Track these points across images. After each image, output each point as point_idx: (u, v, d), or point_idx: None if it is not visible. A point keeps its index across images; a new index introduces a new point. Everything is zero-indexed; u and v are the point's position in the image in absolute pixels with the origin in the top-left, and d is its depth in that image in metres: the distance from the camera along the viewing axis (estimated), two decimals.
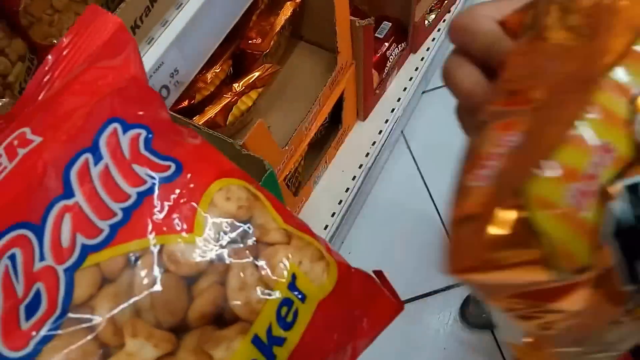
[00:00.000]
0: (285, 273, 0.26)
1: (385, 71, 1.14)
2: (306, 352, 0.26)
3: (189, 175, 0.26)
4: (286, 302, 0.26)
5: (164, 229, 0.25)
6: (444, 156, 1.28)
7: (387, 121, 1.17)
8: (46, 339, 0.23)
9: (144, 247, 0.24)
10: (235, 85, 0.82)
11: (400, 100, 1.18)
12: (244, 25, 0.88)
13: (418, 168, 1.29)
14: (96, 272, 0.24)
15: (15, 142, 0.28)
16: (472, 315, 1.11)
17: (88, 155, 0.26)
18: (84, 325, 0.23)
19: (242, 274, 0.25)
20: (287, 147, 0.86)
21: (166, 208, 0.25)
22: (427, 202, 1.25)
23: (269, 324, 0.25)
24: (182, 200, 0.26)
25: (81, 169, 0.26)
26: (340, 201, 1.10)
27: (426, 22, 1.20)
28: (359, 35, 0.91)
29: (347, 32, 0.89)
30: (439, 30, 1.26)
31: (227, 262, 0.25)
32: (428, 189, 1.26)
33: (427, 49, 1.24)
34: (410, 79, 1.20)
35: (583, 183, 0.19)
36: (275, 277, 0.26)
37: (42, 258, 0.24)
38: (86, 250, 0.24)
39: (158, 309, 0.23)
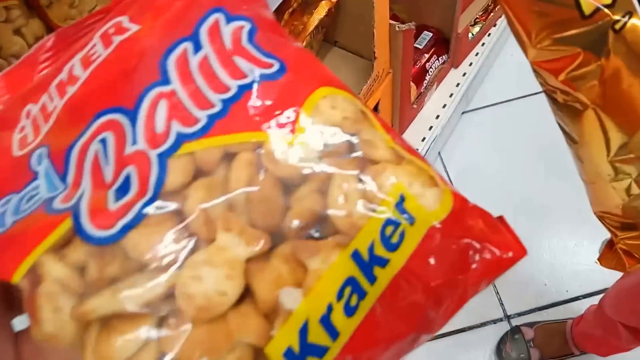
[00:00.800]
0: (393, 192, 0.25)
1: (424, 84, 1.10)
2: (411, 279, 0.25)
3: (293, 77, 0.26)
4: (392, 222, 0.25)
5: (264, 126, 0.25)
6: (483, 181, 1.23)
7: (424, 139, 1.12)
8: (134, 222, 0.23)
9: (242, 142, 0.24)
10: None
11: (439, 117, 1.14)
12: None
13: None
14: (190, 161, 0.24)
15: (111, 30, 0.28)
16: (508, 354, 1.03)
17: (187, 44, 0.26)
18: (175, 213, 0.23)
19: (344, 186, 0.24)
20: None
21: (267, 106, 0.25)
22: None
23: (371, 241, 0.24)
24: (284, 101, 0.25)
25: (180, 57, 0.26)
26: None
27: (470, 34, 1.17)
28: (398, 41, 0.88)
29: (385, 36, 0.86)
30: (483, 44, 1.22)
31: (329, 171, 0.24)
32: None
33: (470, 64, 1.20)
34: (451, 95, 1.17)
35: None
36: (381, 195, 0.25)
37: (134, 142, 0.24)
38: (181, 138, 0.24)
39: (253, 208, 0.23)
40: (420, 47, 1.11)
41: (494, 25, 1.26)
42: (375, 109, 1.00)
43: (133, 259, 0.22)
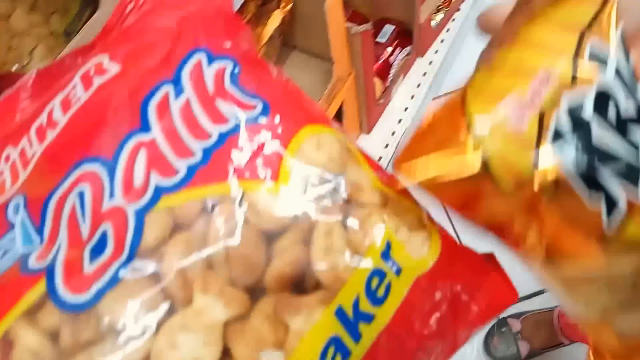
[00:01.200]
0: (379, 239, 0.25)
1: (390, 78, 1.10)
2: (398, 334, 0.25)
3: (277, 117, 0.25)
4: (378, 273, 0.24)
5: (247, 174, 0.24)
6: None
7: (394, 133, 1.13)
8: (109, 286, 0.22)
9: (223, 193, 0.23)
10: None
11: (408, 109, 1.14)
12: None
13: None
14: (169, 216, 0.23)
15: (92, 71, 0.27)
16: (496, 348, 1.05)
17: (169, 88, 0.25)
18: (151, 274, 0.22)
19: (329, 235, 0.24)
20: None
21: (250, 151, 0.24)
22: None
23: (356, 295, 0.24)
24: (268, 145, 0.25)
25: (160, 102, 0.25)
26: None
27: (433, 22, 1.16)
28: (356, 43, 0.88)
29: (342, 40, 0.86)
30: (447, 30, 1.22)
31: (313, 219, 0.24)
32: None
33: (436, 52, 1.20)
34: (418, 85, 1.17)
35: (525, 100, 0.23)
36: (367, 243, 0.24)
37: (112, 195, 0.23)
38: (160, 191, 0.23)
39: (233, 264, 0.23)
40: (383, 41, 1.10)
41: (458, 10, 1.25)
42: (340, 111, 1.00)
43: (107, 325, 0.22)
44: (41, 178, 0.26)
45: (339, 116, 1.01)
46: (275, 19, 0.86)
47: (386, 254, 0.24)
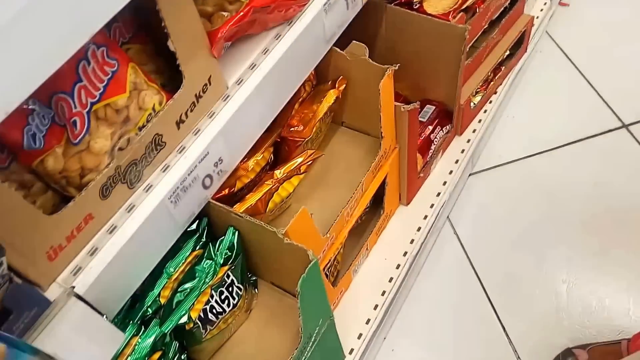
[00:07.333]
0: None
1: (430, 154, 1.20)
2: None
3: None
4: None
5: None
6: (494, 241, 1.31)
7: (432, 206, 1.21)
8: None
9: None
10: (277, 172, 0.89)
11: (446, 184, 1.23)
12: (285, 113, 0.96)
13: (467, 255, 1.31)
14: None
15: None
16: None
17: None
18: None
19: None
20: (328, 235, 0.91)
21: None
22: (479, 292, 1.26)
23: None
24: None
25: None
26: (384, 292, 1.12)
27: (472, 104, 1.27)
28: (403, 121, 0.98)
29: (391, 117, 0.97)
30: (485, 111, 1.33)
31: None
32: (479, 277, 1.27)
33: (473, 131, 1.30)
34: (456, 161, 1.26)
35: None
36: None
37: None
38: None
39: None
40: (424, 120, 1.21)
41: (495, 93, 1.37)
42: (384, 182, 1.10)
43: None
44: None
45: (382, 187, 1.11)
46: (330, 98, 0.98)
47: None
